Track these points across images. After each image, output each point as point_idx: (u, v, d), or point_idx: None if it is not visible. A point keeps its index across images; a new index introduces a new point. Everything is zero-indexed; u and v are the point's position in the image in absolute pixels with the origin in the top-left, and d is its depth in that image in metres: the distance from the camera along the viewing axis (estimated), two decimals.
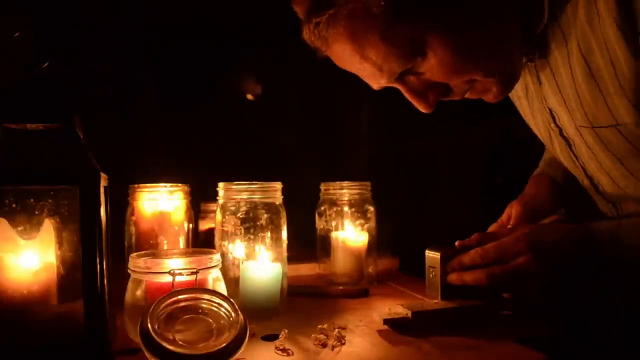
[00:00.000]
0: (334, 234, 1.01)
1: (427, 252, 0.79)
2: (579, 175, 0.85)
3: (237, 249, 0.83)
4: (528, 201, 0.92)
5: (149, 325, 0.55)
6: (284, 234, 0.85)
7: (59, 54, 0.60)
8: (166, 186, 0.94)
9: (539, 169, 1.02)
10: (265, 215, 0.83)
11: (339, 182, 1.04)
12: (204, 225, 1.23)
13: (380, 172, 1.67)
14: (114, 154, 0.97)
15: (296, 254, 1.03)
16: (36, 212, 0.59)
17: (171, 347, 0.53)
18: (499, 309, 0.76)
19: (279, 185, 0.86)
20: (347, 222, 1.02)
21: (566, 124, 0.77)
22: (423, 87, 0.69)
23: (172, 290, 0.60)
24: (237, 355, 0.56)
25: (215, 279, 0.68)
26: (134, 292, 0.65)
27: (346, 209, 1.03)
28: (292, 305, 0.85)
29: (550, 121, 0.80)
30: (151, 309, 0.56)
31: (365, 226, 1.02)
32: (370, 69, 0.66)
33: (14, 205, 0.59)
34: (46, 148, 0.57)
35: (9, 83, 0.57)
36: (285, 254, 0.85)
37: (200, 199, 1.18)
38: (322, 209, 1.04)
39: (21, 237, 0.59)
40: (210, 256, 0.67)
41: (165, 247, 0.92)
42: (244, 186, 0.83)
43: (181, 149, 1.65)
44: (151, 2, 1.64)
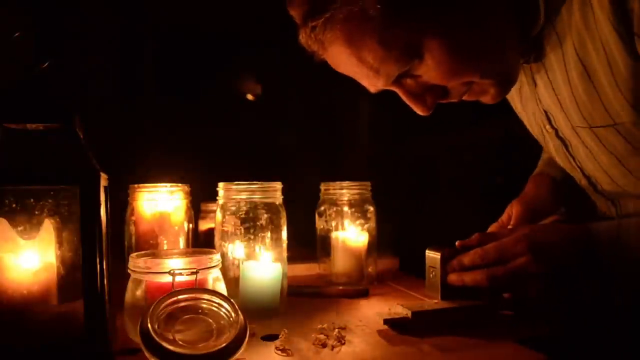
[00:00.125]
0: (334, 234, 1.01)
1: (427, 252, 0.79)
2: (576, 175, 0.85)
3: (237, 249, 0.83)
4: (528, 201, 0.92)
5: (149, 325, 0.55)
6: (284, 234, 0.85)
7: (59, 54, 0.60)
8: (166, 186, 0.94)
9: (538, 168, 1.02)
10: (265, 215, 0.83)
11: (339, 182, 1.04)
12: (204, 225, 1.23)
13: (380, 172, 1.67)
14: (114, 154, 0.97)
15: (296, 254, 1.03)
16: (36, 212, 0.60)
17: (171, 347, 0.53)
18: (499, 309, 0.76)
19: (279, 185, 0.86)
20: (347, 222, 1.02)
21: (562, 124, 0.77)
22: (420, 89, 0.69)
23: (172, 290, 0.60)
24: (237, 355, 0.56)
25: (215, 279, 0.68)
26: (134, 292, 0.65)
27: (346, 209, 1.03)
28: (292, 305, 0.85)
29: (545, 123, 0.80)
30: (151, 309, 0.56)
31: (365, 226, 1.02)
32: (367, 72, 0.66)
33: (14, 205, 0.59)
34: (46, 148, 0.57)
35: (9, 83, 0.57)
36: (285, 254, 0.85)
37: (200, 199, 1.18)
38: (322, 209, 1.04)
39: (21, 237, 0.59)
40: (210, 256, 0.67)
41: (165, 247, 0.92)
42: (244, 186, 0.83)
43: (181, 149, 1.65)
44: (151, 2, 1.64)
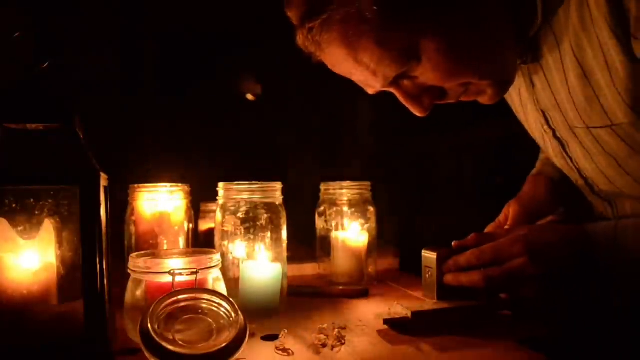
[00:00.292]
0: (334, 234, 1.01)
1: (423, 252, 0.79)
2: (573, 176, 0.85)
3: (237, 249, 0.83)
4: (525, 201, 0.92)
5: (149, 325, 0.55)
6: (284, 234, 0.85)
7: (59, 54, 0.60)
8: (166, 186, 0.94)
9: (536, 168, 1.02)
10: (265, 215, 0.83)
11: (339, 182, 1.04)
12: (204, 225, 1.23)
13: (380, 172, 1.67)
14: (114, 154, 0.97)
15: (296, 254, 1.03)
16: (36, 212, 0.60)
17: (171, 347, 0.53)
18: (499, 309, 0.76)
19: (279, 185, 0.86)
20: (347, 222, 1.02)
21: (560, 125, 0.77)
22: (418, 91, 0.69)
23: (172, 290, 0.60)
24: (237, 355, 0.56)
25: (215, 279, 0.68)
26: (134, 292, 0.65)
27: (346, 209, 1.03)
28: (292, 305, 0.84)
29: (543, 123, 0.80)
30: (151, 309, 0.56)
31: (365, 226, 1.02)
32: (364, 73, 0.66)
33: (14, 205, 0.59)
34: (46, 148, 0.57)
35: (9, 83, 0.57)
36: (285, 254, 0.85)
37: (200, 199, 1.18)
38: (322, 209, 1.04)
39: (21, 237, 0.59)
40: (210, 256, 0.67)
41: (165, 247, 0.92)
42: (244, 186, 0.83)
43: (181, 149, 1.65)
44: (151, 2, 1.64)
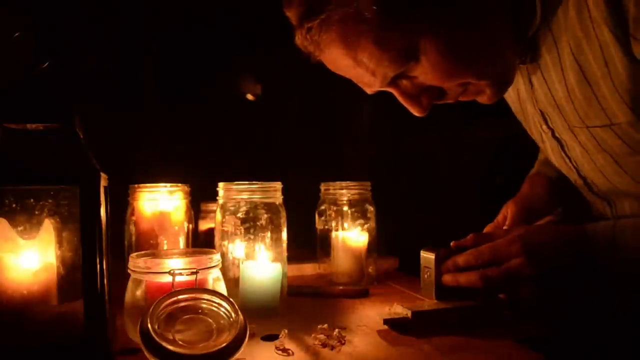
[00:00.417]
0: (334, 234, 1.01)
1: (422, 253, 0.79)
2: (571, 175, 0.85)
3: (237, 249, 0.83)
4: (524, 201, 0.92)
5: (149, 325, 0.55)
6: (284, 234, 0.85)
7: (59, 54, 0.60)
8: (166, 186, 0.94)
9: (534, 168, 1.02)
10: (265, 215, 0.83)
11: (339, 182, 1.04)
12: (204, 225, 1.23)
13: (380, 172, 1.67)
14: (114, 154, 0.97)
15: (296, 254, 1.03)
16: (36, 212, 0.60)
17: (171, 347, 0.53)
18: (498, 310, 0.76)
19: (279, 185, 0.86)
20: (347, 222, 1.02)
21: (558, 125, 0.77)
22: (416, 90, 0.69)
23: (172, 290, 0.60)
24: (237, 355, 0.56)
25: (215, 279, 0.68)
26: (134, 292, 0.65)
27: (346, 209, 1.03)
28: (292, 305, 0.85)
29: (542, 123, 0.80)
30: (151, 309, 0.56)
31: (365, 226, 1.02)
32: (363, 73, 0.66)
33: (14, 205, 0.59)
34: (46, 148, 0.57)
35: (9, 83, 0.57)
36: (285, 254, 0.85)
37: (200, 199, 1.18)
38: (322, 209, 1.04)
39: (21, 237, 0.59)
40: (210, 256, 0.67)
41: (165, 247, 0.92)
42: (244, 186, 0.83)
43: (181, 149, 1.65)
44: (151, 2, 1.64)
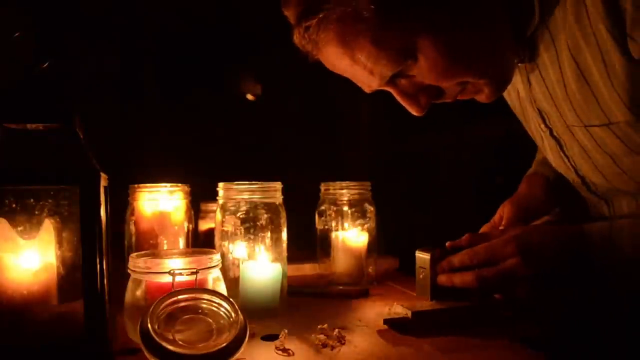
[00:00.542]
0: (334, 234, 1.01)
1: (417, 253, 0.79)
2: (569, 175, 0.85)
3: (237, 249, 0.83)
4: (520, 201, 0.92)
5: (149, 325, 0.55)
6: (284, 234, 0.85)
7: (59, 54, 0.60)
8: (166, 186, 0.94)
9: (532, 168, 1.01)
10: (265, 215, 0.83)
11: (339, 182, 1.04)
12: (204, 225, 1.23)
13: (380, 172, 1.67)
14: (114, 154, 0.97)
15: (296, 254, 1.03)
16: (36, 212, 0.60)
17: (171, 347, 0.53)
18: (499, 310, 0.76)
19: (279, 185, 0.86)
20: (347, 222, 1.02)
21: (556, 124, 0.77)
22: (414, 89, 0.69)
23: (172, 290, 0.60)
24: (237, 355, 0.56)
25: (215, 279, 0.68)
26: (134, 292, 0.65)
27: (346, 209, 1.03)
28: (292, 305, 0.85)
29: (540, 122, 0.80)
30: (151, 309, 0.56)
31: (365, 226, 1.02)
32: (361, 72, 0.66)
33: (14, 205, 0.59)
34: (46, 148, 0.57)
35: (9, 83, 0.57)
36: (285, 254, 0.85)
37: (200, 199, 1.18)
38: (322, 209, 1.04)
39: (21, 237, 0.59)
40: (210, 256, 0.67)
41: (165, 247, 0.92)
42: (244, 186, 0.83)
43: (181, 149, 1.65)
44: (151, 2, 1.64)
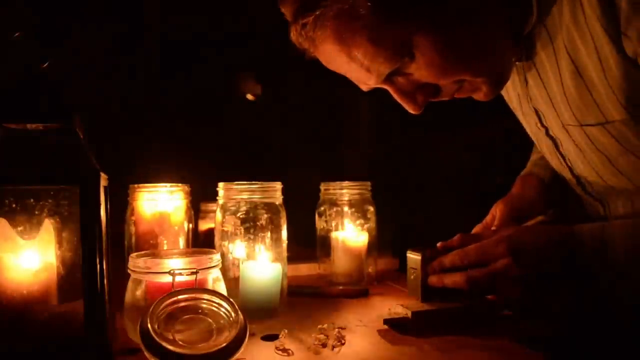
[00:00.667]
0: (334, 234, 1.01)
1: (408, 253, 0.78)
2: (565, 174, 0.85)
3: (237, 249, 0.83)
4: (513, 201, 0.91)
5: (149, 325, 0.55)
6: (284, 234, 0.85)
7: (59, 54, 0.60)
8: (166, 186, 0.94)
9: (526, 169, 1.01)
10: (265, 215, 0.83)
11: (339, 182, 1.04)
12: (204, 225, 1.23)
13: (380, 172, 1.67)
14: (114, 154, 0.97)
15: (296, 254, 1.03)
16: (36, 212, 0.60)
17: (171, 347, 0.53)
18: (498, 309, 0.76)
19: (279, 185, 0.86)
20: (347, 222, 1.02)
21: (552, 123, 0.77)
22: (412, 87, 0.69)
23: (172, 290, 0.60)
24: (237, 355, 0.56)
25: (215, 279, 0.68)
26: (134, 292, 0.65)
27: (346, 209, 1.03)
28: (292, 305, 0.85)
29: (536, 121, 0.80)
30: (151, 309, 0.56)
31: (365, 226, 1.02)
32: (358, 69, 0.66)
33: (14, 205, 0.59)
34: (46, 148, 0.57)
35: (9, 83, 0.57)
36: (285, 254, 0.85)
37: (200, 199, 1.18)
38: (322, 209, 1.04)
39: (21, 237, 0.59)
40: (210, 256, 0.67)
41: (165, 247, 0.92)
42: (244, 186, 0.83)
43: (181, 149, 1.65)
44: (151, 2, 1.64)
